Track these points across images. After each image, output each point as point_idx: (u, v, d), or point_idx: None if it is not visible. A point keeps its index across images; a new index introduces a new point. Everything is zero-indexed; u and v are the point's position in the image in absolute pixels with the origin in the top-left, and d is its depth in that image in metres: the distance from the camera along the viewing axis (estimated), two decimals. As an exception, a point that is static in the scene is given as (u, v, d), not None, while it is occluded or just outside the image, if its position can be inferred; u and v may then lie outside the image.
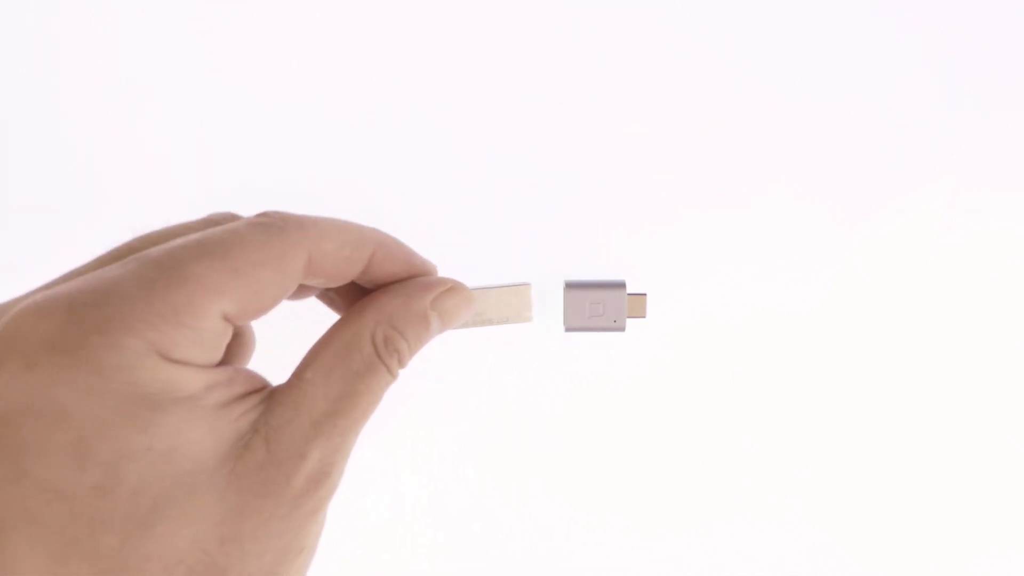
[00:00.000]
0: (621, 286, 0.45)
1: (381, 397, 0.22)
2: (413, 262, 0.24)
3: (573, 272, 0.45)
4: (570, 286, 0.45)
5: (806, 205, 0.50)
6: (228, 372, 0.20)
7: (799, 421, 0.52)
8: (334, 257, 0.22)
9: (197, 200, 0.50)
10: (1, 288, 0.22)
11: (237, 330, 0.22)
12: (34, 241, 0.51)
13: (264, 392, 0.21)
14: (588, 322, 0.45)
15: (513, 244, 0.51)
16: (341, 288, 0.24)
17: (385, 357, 0.22)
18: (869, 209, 0.50)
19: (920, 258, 0.51)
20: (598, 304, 0.45)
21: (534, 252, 0.50)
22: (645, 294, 0.45)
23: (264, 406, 0.20)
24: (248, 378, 0.20)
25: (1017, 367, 0.52)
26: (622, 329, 0.45)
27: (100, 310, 0.18)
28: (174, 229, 0.22)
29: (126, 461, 0.18)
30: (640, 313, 0.45)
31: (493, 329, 0.40)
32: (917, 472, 0.53)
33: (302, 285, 0.22)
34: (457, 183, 0.50)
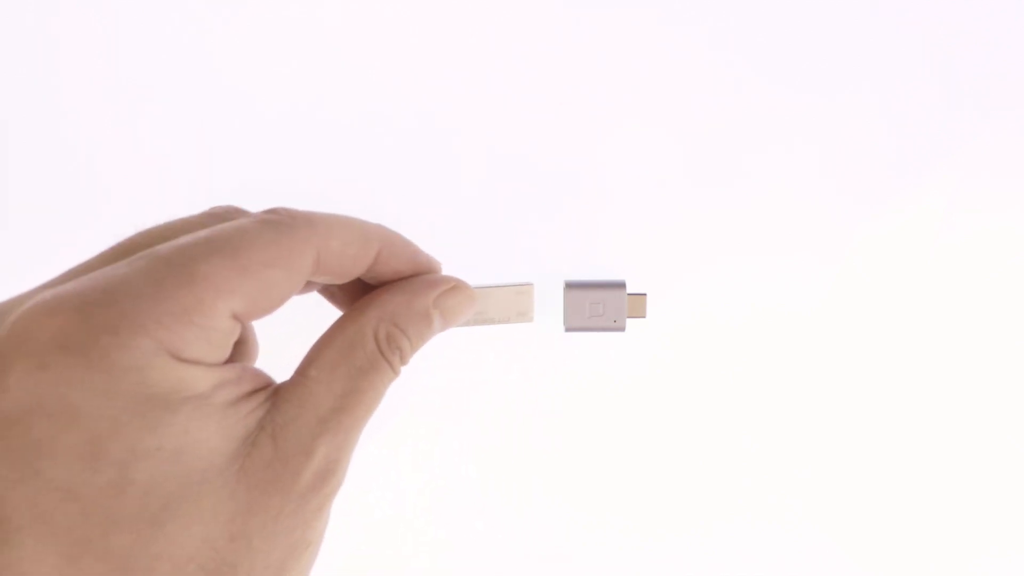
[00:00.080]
0: (621, 286, 0.45)
1: (383, 394, 0.22)
2: (418, 259, 0.24)
3: (573, 272, 0.45)
4: (570, 286, 0.45)
5: (806, 205, 0.50)
6: (236, 370, 0.20)
7: (799, 421, 0.52)
8: (341, 255, 0.22)
9: (197, 199, 0.50)
10: (1, 288, 0.21)
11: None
12: (34, 241, 0.51)
13: (269, 389, 0.21)
14: (588, 322, 0.45)
15: (513, 244, 0.51)
16: (343, 283, 0.24)
17: (388, 354, 0.22)
18: (869, 209, 0.50)
19: (920, 258, 0.51)
20: (598, 304, 0.45)
21: (534, 252, 0.51)
22: (645, 294, 0.45)
23: (270, 403, 0.20)
24: (254, 376, 0.20)
25: (1017, 367, 0.52)
26: (622, 329, 0.45)
27: (110, 309, 0.18)
28: (176, 224, 0.21)
29: (137, 460, 0.18)
30: (640, 313, 0.45)
31: (494, 329, 0.40)
32: (917, 472, 0.53)
33: (307, 281, 0.22)
34: (458, 183, 0.50)
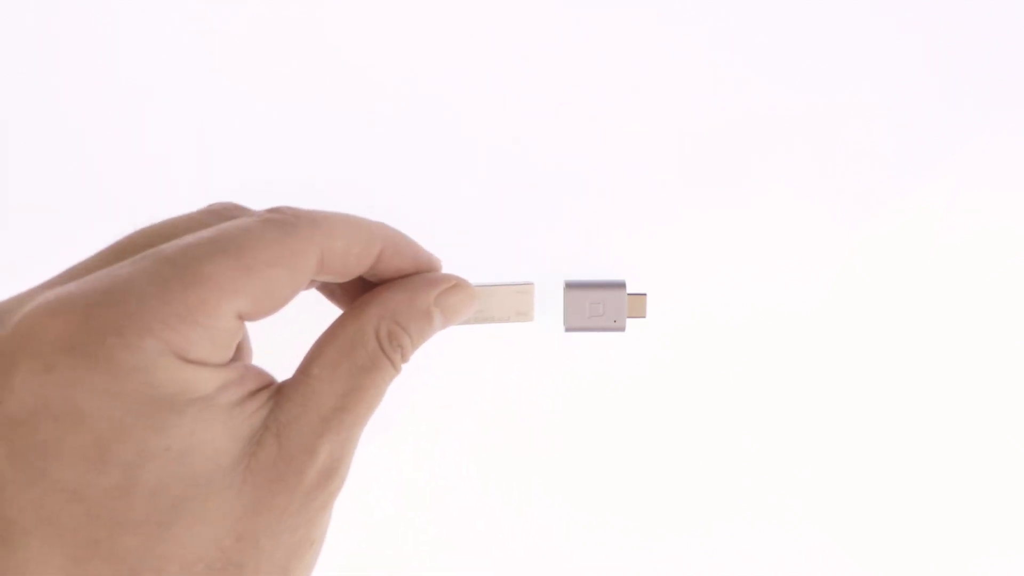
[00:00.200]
0: (621, 286, 0.45)
1: (385, 392, 0.22)
2: (419, 258, 0.24)
3: (573, 272, 0.45)
4: (570, 286, 0.45)
5: (806, 205, 0.50)
6: (239, 370, 0.20)
7: (799, 421, 0.52)
8: (345, 255, 0.21)
9: (197, 199, 0.50)
10: (1, 288, 0.21)
11: None
12: (34, 241, 0.51)
13: (272, 388, 0.21)
14: (588, 322, 0.45)
15: (514, 244, 0.51)
16: (344, 281, 0.24)
17: (389, 352, 0.22)
18: (869, 209, 0.50)
19: (920, 258, 0.51)
20: (598, 304, 0.44)
21: (534, 252, 0.50)
22: (645, 294, 0.45)
23: (273, 402, 0.20)
24: (256, 375, 0.20)
25: (1017, 367, 0.52)
26: (622, 329, 0.45)
27: (116, 310, 0.18)
28: (175, 221, 0.21)
29: (144, 462, 0.18)
30: (640, 313, 0.45)
31: (494, 328, 0.40)
32: (917, 472, 0.53)
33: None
34: (458, 182, 0.50)
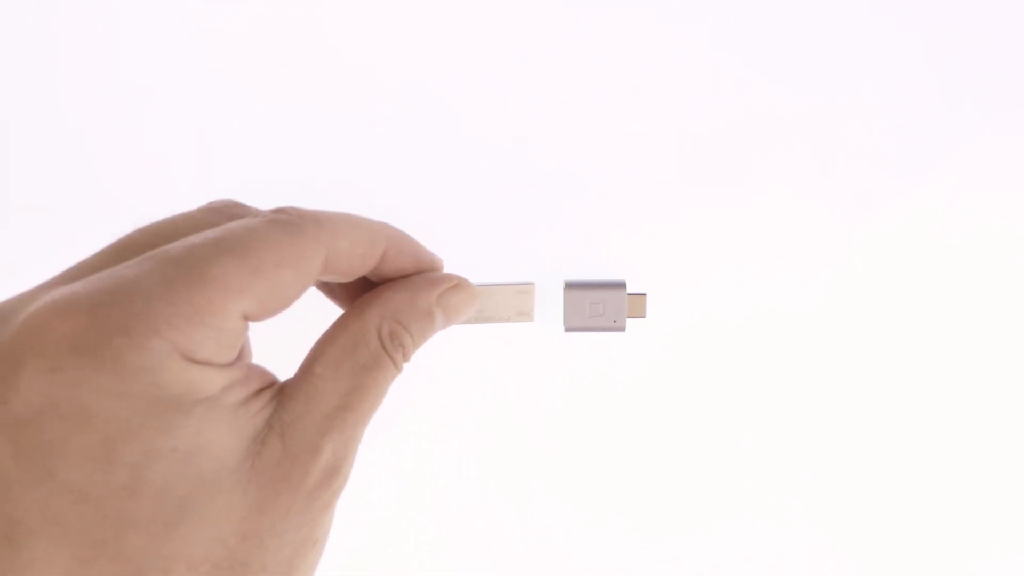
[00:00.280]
0: (621, 286, 0.45)
1: (386, 391, 0.22)
2: (422, 257, 0.24)
3: (573, 272, 0.45)
4: (570, 286, 0.45)
5: (806, 205, 0.50)
6: (243, 369, 0.20)
7: (799, 421, 0.52)
8: (349, 255, 0.22)
9: (197, 198, 0.50)
10: (1, 288, 0.21)
11: None
12: (34, 241, 0.51)
13: (275, 387, 0.21)
14: (588, 322, 0.45)
15: (514, 243, 0.51)
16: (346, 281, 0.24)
17: (391, 351, 0.22)
18: (869, 209, 0.50)
19: (920, 258, 0.51)
20: (598, 304, 0.44)
21: (535, 252, 0.51)
22: (645, 294, 0.45)
23: (276, 402, 0.20)
24: (260, 374, 0.21)
25: (1017, 367, 0.52)
26: (622, 329, 0.45)
27: (122, 310, 0.18)
28: (176, 220, 0.21)
29: (151, 462, 0.18)
30: (640, 313, 0.45)
31: (494, 329, 0.40)
32: (917, 472, 0.53)
33: None
34: (458, 182, 0.50)
